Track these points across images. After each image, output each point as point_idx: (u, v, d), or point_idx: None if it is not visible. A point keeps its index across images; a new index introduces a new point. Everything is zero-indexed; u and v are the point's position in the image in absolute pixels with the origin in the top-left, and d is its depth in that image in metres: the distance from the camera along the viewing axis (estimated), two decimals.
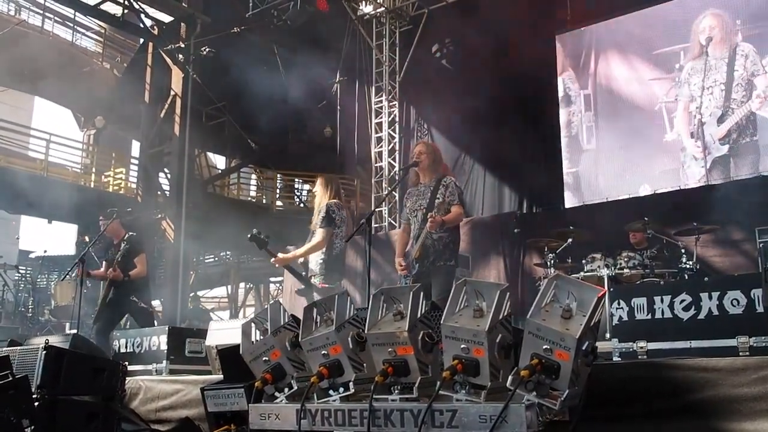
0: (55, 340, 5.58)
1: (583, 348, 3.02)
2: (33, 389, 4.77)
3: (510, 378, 3.05)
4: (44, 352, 4.97)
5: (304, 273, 7.71)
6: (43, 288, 18.72)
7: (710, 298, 4.36)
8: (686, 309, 4.44)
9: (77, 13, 21.01)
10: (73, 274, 9.31)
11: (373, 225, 15.66)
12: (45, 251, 19.57)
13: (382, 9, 17.56)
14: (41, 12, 21.17)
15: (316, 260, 7.62)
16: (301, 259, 7.85)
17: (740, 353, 4.14)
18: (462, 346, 3.20)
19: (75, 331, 9.18)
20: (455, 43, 17.06)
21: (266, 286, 28.76)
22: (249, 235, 7.62)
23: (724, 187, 11.52)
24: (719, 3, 13.09)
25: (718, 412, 3.44)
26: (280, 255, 7.81)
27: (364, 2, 17.46)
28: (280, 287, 25.33)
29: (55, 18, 22.34)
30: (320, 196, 7.93)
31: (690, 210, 10.01)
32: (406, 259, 6.68)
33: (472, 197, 16.01)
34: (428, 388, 3.33)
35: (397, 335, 3.43)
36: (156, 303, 15.78)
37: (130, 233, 9.14)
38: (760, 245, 8.42)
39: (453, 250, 6.68)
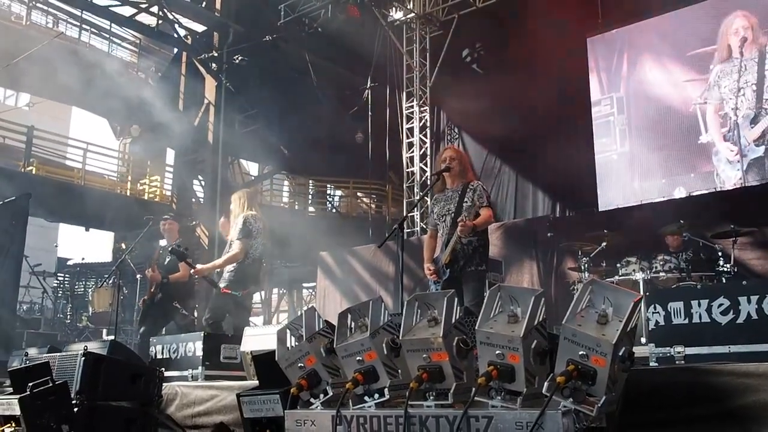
0: (93, 347, 5.63)
1: (620, 354, 2.99)
2: (72, 395, 4.82)
3: (546, 384, 3.03)
4: (83, 358, 5.02)
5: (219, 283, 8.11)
6: (81, 295, 18.96)
7: (749, 301, 4.30)
8: (724, 313, 4.39)
9: (113, 24, 21.22)
10: (110, 282, 9.45)
11: (405, 230, 15.70)
12: (83, 258, 19.81)
13: (413, 15, 17.57)
14: (78, 24, 21.42)
15: (228, 268, 8.01)
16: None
17: None
18: (497, 352, 3.18)
19: (113, 337, 9.29)
20: (485, 48, 17.05)
21: (299, 292, 28.82)
22: (170, 249, 8.25)
23: (762, 189, 11.40)
24: (747, 4, 12.97)
25: (760, 419, 3.39)
26: (199, 266, 8.16)
27: (394, 8, 17.49)
28: (313, 292, 25.40)
29: (92, 30, 22.59)
30: (236, 209, 8.30)
31: (727, 212, 9.90)
32: (435, 264, 6.66)
33: (504, 201, 15.98)
34: (463, 394, 3.32)
35: (432, 341, 3.42)
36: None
37: (180, 239, 9.26)
38: None
39: (483, 255, 6.66)
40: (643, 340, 5.63)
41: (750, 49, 12.72)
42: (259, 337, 6.49)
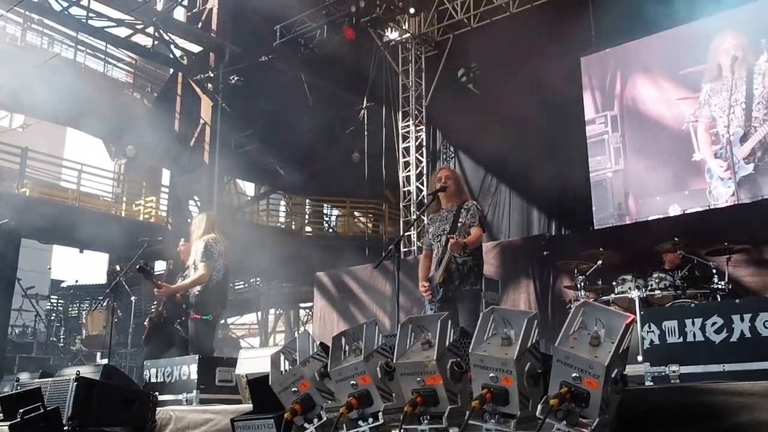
0: (86, 371, 5.61)
1: (613, 375, 3.00)
2: (64, 421, 4.80)
3: (539, 407, 3.03)
4: (75, 383, 5.01)
5: (184, 306, 8.14)
6: (75, 317, 18.89)
7: (742, 320, 4.31)
8: (718, 332, 4.39)
9: (108, 45, 21.27)
10: (104, 304, 9.38)
11: (402, 249, 15.70)
12: (76, 281, 19.74)
13: (408, 35, 17.66)
14: (74, 45, 21.46)
15: (193, 293, 7.96)
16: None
17: None
18: (491, 374, 3.19)
19: (106, 361, 9.22)
20: (480, 67, 17.10)
21: (296, 312, 28.76)
22: (137, 266, 8.02)
23: (755, 206, 11.43)
24: (737, 23, 13.06)
25: None
26: (164, 287, 8.06)
27: (389, 29, 17.57)
28: (310, 313, 25.36)
29: (87, 50, 22.64)
30: (197, 232, 8.29)
31: (720, 229, 9.92)
32: (430, 283, 6.66)
33: (500, 220, 16.00)
34: (457, 417, 3.32)
35: (426, 365, 3.43)
36: None
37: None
38: None
39: (478, 274, 6.67)
40: (639, 359, 5.64)
41: (740, 68, 12.80)
42: (255, 359, 6.47)
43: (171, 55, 18.67)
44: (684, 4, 12.49)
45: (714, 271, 8.88)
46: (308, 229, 23.70)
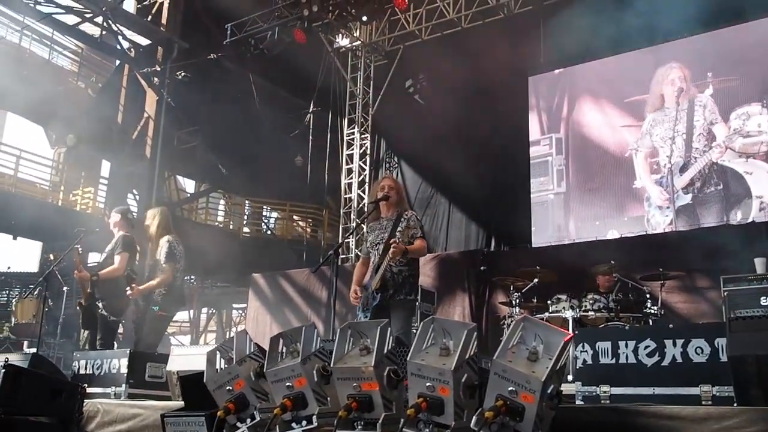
0: (14, 359, 5.50)
1: (549, 391, 3.03)
2: None
3: (474, 418, 3.04)
4: (3, 370, 4.90)
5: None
6: (4, 304, 18.48)
7: (674, 345, 4.39)
8: (650, 355, 4.46)
9: (55, 32, 20.88)
10: (35, 292, 9.14)
11: (340, 256, 15.68)
12: (8, 267, 19.32)
13: (359, 43, 17.69)
14: (19, 29, 21.02)
15: (157, 292, 8.07)
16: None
17: (703, 402, 4.16)
18: (427, 384, 3.19)
19: (35, 350, 9.00)
20: (428, 79, 17.20)
21: (228, 312, 28.55)
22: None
23: (691, 234, 11.67)
24: (681, 56, 13.36)
25: None
26: (135, 287, 8.03)
27: (340, 35, 17.56)
28: (243, 313, 25.18)
29: (33, 36, 22.19)
30: (153, 229, 8.45)
31: (656, 255, 10.12)
32: (365, 290, 6.65)
33: (438, 232, 16.07)
34: (392, 425, 3.31)
35: (363, 370, 3.42)
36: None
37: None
38: (725, 294, 8.47)
39: (413, 284, 6.68)
40: (570, 377, 5.71)
41: (683, 100, 13.09)
42: (186, 356, 6.40)
43: (118, 47, 18.37)
44: (633, 31, 12.70)
45: (648, 295, 9.07)
46: (246, 230, 23.56)
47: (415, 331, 5.16)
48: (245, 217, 24.30)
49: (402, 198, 7.11)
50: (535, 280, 9.72)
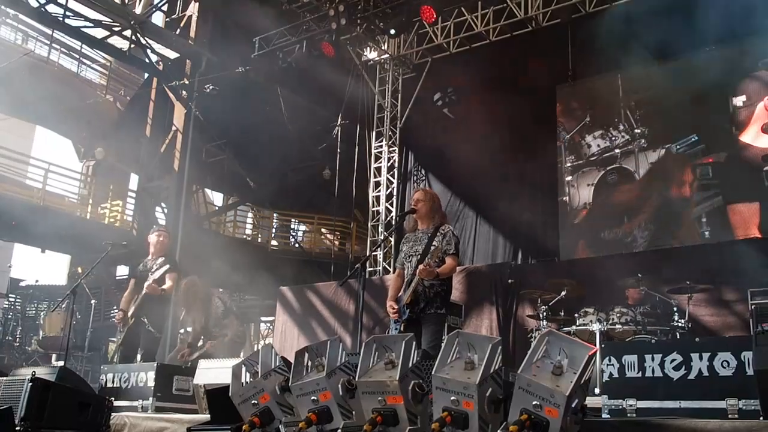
0: (42, 372, 5.54)
1: (573, 405, 3.02)
2: (16, 421, 4.72)
3: None
4: (30, 384, 4.93)
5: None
6: (32, 318, 18.64)
7: (701, 358, 4.36)
8: (677, 369, 4.44)
9: (84, 46, 21.10)
10: (63, 306, 9.22)
11: (368, 269, 15.68)
12: (36, 281, 19.50)
13: (387, 56, 17.70)
14: (48, 42, 21.27)
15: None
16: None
17: (729, 416, 4.13)
18: (452, 398, 3.20)
19: (62, 363, 9.07)
20: (457, 92, 17.16)
21: (257, 325, 28.61)
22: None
23: (719, 247, 11.55)
24: None
25: None
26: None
27: (368, 48, 17.60)
28: (271, 327, 25.22)
29: (62, 49, 22.46)
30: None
31: (684, 268, 10.02)
32: (398, 303, 6.66)
33: (466, 245, 15.99)
34: None
35: (388, 384, 3.42)
36: None
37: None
38: (753, 307, 8.38)
39: (444, 299, 6.70)
40: (597, 391, 5.67)
41: None
42: (213, 370, 6.43)
43: (147, 60, 18.56)
44: (662, 44, 12.65)
45: (675, 309, 8.97)
46: (274, 243, 23.62)
47: None
48: (273, 230, 24.38)
49: (435, 209, 7.07)
50: (563, 293, 9.65)
